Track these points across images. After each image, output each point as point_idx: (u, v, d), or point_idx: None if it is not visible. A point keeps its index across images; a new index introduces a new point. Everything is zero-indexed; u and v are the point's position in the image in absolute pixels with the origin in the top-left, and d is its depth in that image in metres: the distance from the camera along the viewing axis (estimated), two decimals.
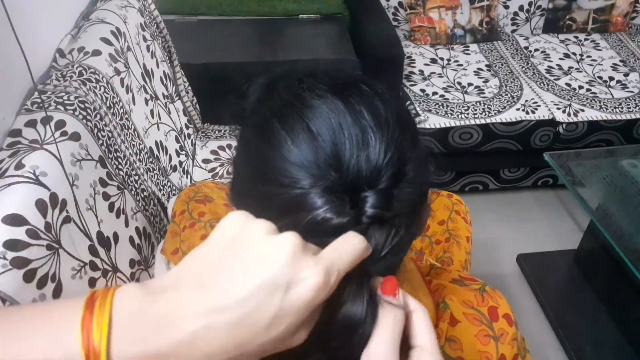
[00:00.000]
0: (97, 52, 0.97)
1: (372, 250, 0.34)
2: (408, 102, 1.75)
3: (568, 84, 1.87)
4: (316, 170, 0.35)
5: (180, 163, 1.27)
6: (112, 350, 0.28)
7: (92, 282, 0.74)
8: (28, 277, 0.60)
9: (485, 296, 0.53)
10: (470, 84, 1.85)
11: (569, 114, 1.71)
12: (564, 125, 1.70)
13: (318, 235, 0.34)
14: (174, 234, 0.88)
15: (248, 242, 0.31)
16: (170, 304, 0.29)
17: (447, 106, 1.73)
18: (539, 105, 1.74)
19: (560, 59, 2.02)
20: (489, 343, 0.50)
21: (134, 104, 1.07)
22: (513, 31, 2.21)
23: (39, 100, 0.80)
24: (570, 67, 1.97)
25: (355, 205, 0.35)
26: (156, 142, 1.16)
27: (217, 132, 1.52)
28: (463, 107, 1.73)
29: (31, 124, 0.76)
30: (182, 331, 0.28)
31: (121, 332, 0.28)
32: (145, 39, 1.22)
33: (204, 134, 1.50)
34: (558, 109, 1.73)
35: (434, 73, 1.91)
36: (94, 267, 0.76)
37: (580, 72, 1.94)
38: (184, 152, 1.31)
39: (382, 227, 0.35)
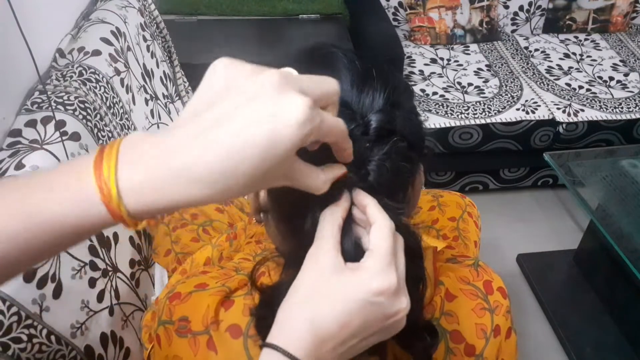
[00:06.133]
0: (97, 52, 0.97)
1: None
2: None
3: (568, 84, 1.87)
4: None
5: None
6: (120, 179, 0.30)
7: (92, 282, 0.74)
8: (28, 277, 0.60)
9: (480, 271, 0.56)
10: (470, 84, 1.85)
11: (569, 114, 1.71)
12: (564, 125, 1.70)
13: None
14: (163, 235, 0.87)
15: (235, 88, 0.31)
16: (167, 136, 0.31)
17: (447, 106, 1.73)
18: (539, 105, 1.74)
19: (560, 59, 2.02)
20: (485, 315, 0.52)
21: (134, 104, 1.07)
22: (513, 31, 2.21)
23: (39, 100, 0.80)
24: (570, 67, 1.97)
25: (363, 120, 0.41)
26: None
27: None
28: (463, 107, 1.72)
29: (31, 124, 0.75)
30: (176, 159, 0.30)
31: (127, 164, 0.30)
32: (145, 39, 1.22)
33: None
34: (558, 109, 1.73)
35: (434, 73, 1.91)
36: (94, 267, 0.76)
37: (580, 72, 1.94)
38: None
39: (383, 142, 0.40)
